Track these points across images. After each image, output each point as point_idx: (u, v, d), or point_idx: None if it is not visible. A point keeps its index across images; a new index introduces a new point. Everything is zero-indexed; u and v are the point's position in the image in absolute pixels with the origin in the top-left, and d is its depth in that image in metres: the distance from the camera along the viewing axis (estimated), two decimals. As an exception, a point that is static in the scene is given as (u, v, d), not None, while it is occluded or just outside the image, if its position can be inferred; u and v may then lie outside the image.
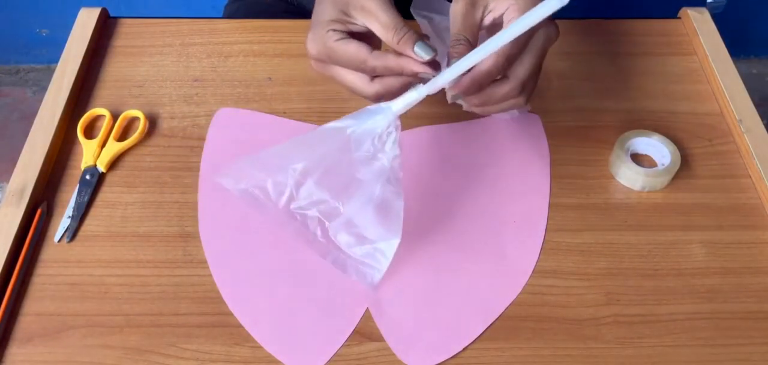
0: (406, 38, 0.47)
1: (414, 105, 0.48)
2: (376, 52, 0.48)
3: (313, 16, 0.51)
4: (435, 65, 0.47)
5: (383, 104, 0.48)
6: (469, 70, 0.46)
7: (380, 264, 0.49)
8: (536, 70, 0.49)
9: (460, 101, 0.52)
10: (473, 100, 0.49)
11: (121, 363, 0.47)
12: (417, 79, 0.48)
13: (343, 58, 0.49)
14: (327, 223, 0.50)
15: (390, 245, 0.49)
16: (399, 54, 0.47)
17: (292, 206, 0.51)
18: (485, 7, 0.49)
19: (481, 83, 0.47)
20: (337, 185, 0.50)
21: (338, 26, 0.49)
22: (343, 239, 0.50)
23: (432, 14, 0.58)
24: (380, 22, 0.48)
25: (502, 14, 0.49)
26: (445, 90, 0.49)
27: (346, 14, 0.49)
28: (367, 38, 0.50)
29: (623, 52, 0.69)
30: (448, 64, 0.46)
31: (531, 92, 0.50)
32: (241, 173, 0.52)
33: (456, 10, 0.49)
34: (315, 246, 0.51)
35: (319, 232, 0.51)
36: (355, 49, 0.48)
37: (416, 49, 0.47)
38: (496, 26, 0.49)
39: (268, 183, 0.51)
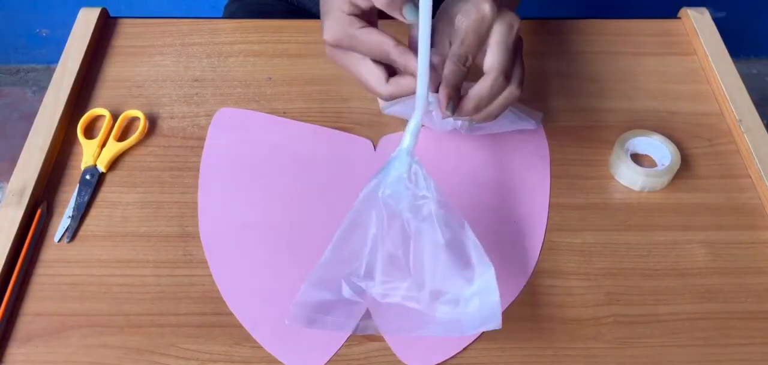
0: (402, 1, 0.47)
1: (418, 131, 0.47)
2: (400, 48, 0.47)
3: (324, 4, 0.50)
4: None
5: (394, 152, 0.47)
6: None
7: (492, 302, 0.45)
8: (512, 59, 0.49)
9: (460, 124, 0.52)
10: (468, 107, 0.48)
11: (121, 363, 0.47)
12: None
13: (365, 47, 0.48)
14: (416, 305, 0.46)
15: (487, 279, 0.45)
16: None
17: (378, 298, 0.47)
18: (450, 35, 0.49)
19: (455, 84, 0.47)
20: (404, 262, 0.46)
21: (356, 10, 0.48)
22: (443, 311, 0.46)
23: None
24: None
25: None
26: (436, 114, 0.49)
27: None
28: (372, 18, 0.49)
29: (623, 52, 0.69)
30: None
31: (520, 81, 0.50)
32: (307, 304, 0.47)
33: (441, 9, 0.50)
34: (421, 329, 0.47)
35: (415, 315, 0.47)
36: (378, 39, 0.48)
37: (405, 12, 0.46)
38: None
39: (344, 296, 0.47)
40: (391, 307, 0.47)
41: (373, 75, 0.50)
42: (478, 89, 0.48)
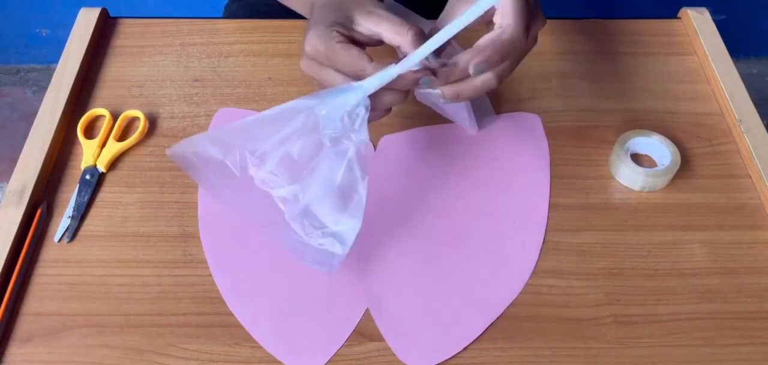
0: (417, 33, 0.48)
1: (385, 84, 0.47)
2: (375, 63, 0.48)
3: (314, 17, 0.51)
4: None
5: (355, 83, 0.48)
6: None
7: (339, 250, 0.47)
8: (507, 53, 0.48)
9: (428, 92, 0.51)
10: (438, 79, 0.48)
11: (121, 363, 0.47)
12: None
13: (343, 62, 0.48)
14: (283, 208, 0.48)
15: (348, 230, 0.46)
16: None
17: (256, 180, 0.48)
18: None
19: (449, 77, 0.48)
20: (298, 170, 0.47)
21: (342, 30, 0.49)
22: (298, 228, 0.48)
23: None
24: (391, 22, 0.48)
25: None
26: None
27: (351, 20, 0.49)
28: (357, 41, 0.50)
29: (623, 52, 0.69)
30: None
31: (502, 75, 0.49)
32: (193, 148, 0.48)
33: (447, 8, 0.51)
34: (271, 230, 0.49)
35: (275, 215, 0.48)
36: (357, 56, 0.48)
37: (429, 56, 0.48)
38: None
39: (227, 161, 0.48)
40: (260, 194, 0.48)
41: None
42: (456, 61, 0.48)
